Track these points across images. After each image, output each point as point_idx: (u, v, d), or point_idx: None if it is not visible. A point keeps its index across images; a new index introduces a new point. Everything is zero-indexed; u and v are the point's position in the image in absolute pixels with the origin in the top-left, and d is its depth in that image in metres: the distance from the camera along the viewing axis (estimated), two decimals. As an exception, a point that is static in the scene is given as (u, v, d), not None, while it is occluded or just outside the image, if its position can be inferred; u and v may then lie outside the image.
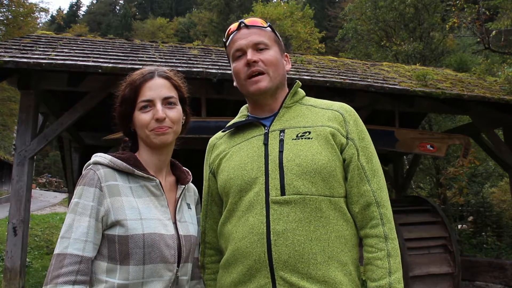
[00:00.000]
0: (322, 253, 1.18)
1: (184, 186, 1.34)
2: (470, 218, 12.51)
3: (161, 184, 1.25)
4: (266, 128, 1.35)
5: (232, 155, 1.36)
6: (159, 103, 1.24)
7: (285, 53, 1.46)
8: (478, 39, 12.12)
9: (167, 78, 1.30)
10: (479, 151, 9.30)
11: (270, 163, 1.26)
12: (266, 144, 1.30)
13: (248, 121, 1.40)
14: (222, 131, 1.50)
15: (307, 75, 5.26)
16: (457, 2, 10.91)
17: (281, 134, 1.30)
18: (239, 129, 1.42)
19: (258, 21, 1.39)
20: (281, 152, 1.26)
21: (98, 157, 1.24)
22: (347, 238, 1.24)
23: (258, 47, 1.34)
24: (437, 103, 6.19)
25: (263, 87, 1.33)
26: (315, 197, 1.21)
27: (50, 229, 12.25)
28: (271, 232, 1.19)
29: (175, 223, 1.26)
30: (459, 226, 12.30)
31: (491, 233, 11.34)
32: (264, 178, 1.25)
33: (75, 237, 1.12)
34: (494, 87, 6.77)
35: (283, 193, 1.21)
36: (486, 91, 6.20)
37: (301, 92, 1.46)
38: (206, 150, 1.51)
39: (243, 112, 1.49)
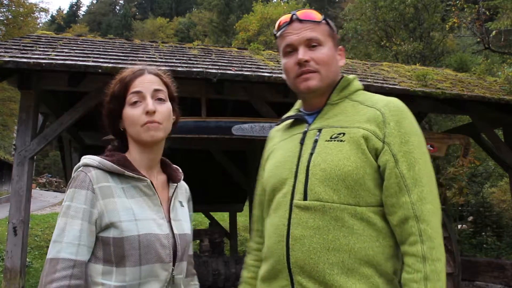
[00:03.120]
0: (341, 265, 1.11)
1: (176, 184, 1.33)
2: (470, 218, 12.51)
3: (152, 184, 1.24)
4: (307, 126, 1.29)
5: (276, 151, 1.34)
6: (149, 96, 1.24)
7: (340, 47, 1.34)
8: (478, 39, 12.14)
9: (157, 75, 1.31)
10: (479, 151, 9.30)
11: (300, 165, 1.21)
12: (302, 144, 1.26)
13: (294, 116, 1.35)
14: (277, 124, 1.45)
15: (307, 75, 5.25)
16: (457, 2, 10.92)
17: (318, 133, 1.23)
18: (292, 123, 1.36)
19: (312, 14, 1.30)
20: (311, 154, 1.20)
21: (87, 159, 1.21)
22: (376, 250, 1.13)
23: (310, 44, 1.25)
24: (437, 103, 6.19)
25: (313, 86, 1.26)
26: (336, 205, 1.13)
27: (50, 229, 12.24)
28: (290, 236, 1.16)
29: (169, 222, 1.25)
30: (459, 226, 12.31)
31: (491, 233, 11.34)
32: (293, 180, 1.21)
33: (68, 241, 1.10)
34: (494, 87, 6.77)
35: (305, 197, 1.17)
36: (486, 91, 6.20)
37: (355, 85, 1.34)
38: (266, 140, 1.48)
39: (296, 106, 1.42)
